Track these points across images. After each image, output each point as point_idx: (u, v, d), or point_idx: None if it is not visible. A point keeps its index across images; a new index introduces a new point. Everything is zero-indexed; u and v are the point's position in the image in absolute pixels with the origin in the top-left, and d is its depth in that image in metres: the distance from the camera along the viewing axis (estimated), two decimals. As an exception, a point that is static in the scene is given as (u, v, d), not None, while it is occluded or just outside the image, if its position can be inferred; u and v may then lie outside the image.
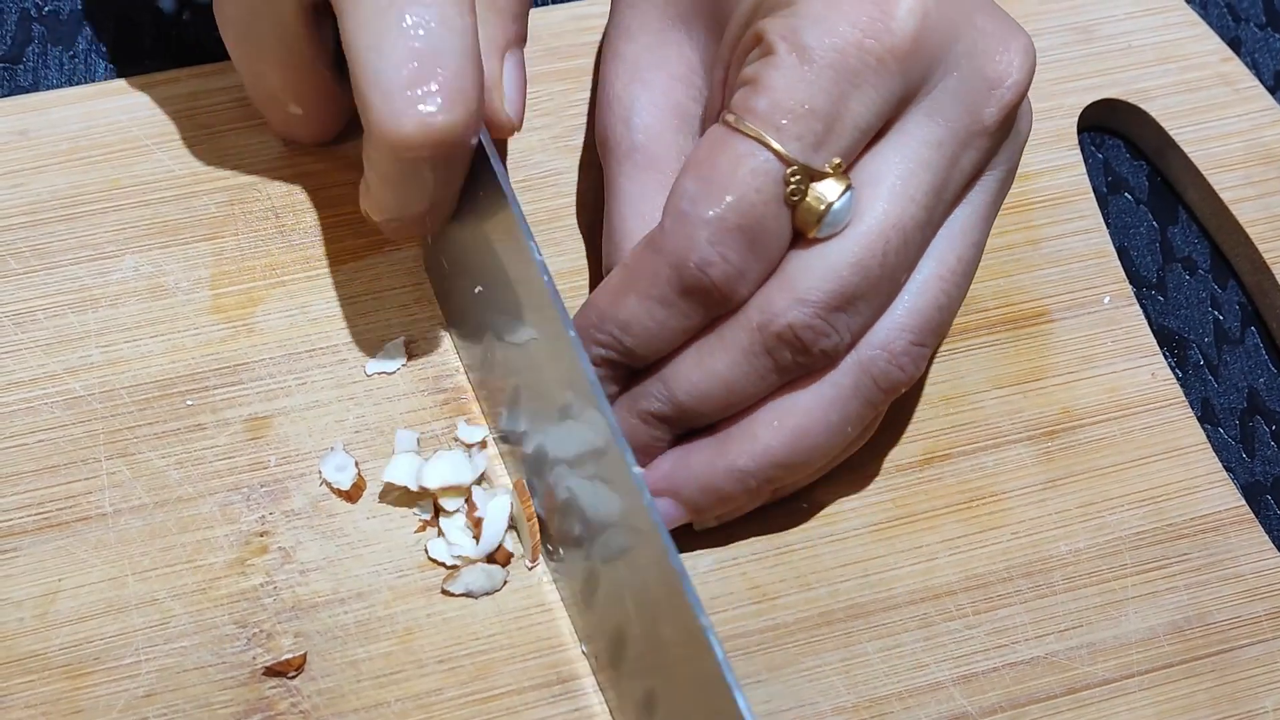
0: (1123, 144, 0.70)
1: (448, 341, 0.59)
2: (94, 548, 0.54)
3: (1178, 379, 0.63)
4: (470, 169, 0.55)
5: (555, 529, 0.55)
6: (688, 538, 0.56)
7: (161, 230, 0.60)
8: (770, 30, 0.52)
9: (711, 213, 0.51)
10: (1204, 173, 0.67)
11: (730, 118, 0.52)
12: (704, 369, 0.53)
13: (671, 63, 0.57)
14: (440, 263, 0.59)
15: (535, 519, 0.55)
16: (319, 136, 0.61)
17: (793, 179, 0.51)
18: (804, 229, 0.52)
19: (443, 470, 0.55)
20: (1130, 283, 0.65)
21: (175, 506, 0.55)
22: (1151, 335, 0.63)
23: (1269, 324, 0.66)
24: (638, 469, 0.49)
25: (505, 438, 0.57)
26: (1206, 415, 0.64)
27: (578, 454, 0.52)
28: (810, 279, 0.52)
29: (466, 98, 0.51)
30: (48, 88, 0.64)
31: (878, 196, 0.53)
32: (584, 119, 0.65)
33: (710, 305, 0.53)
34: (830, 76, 0.51)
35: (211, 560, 0.54)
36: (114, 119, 0.62)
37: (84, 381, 0.57)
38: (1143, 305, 0.65)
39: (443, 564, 0.55)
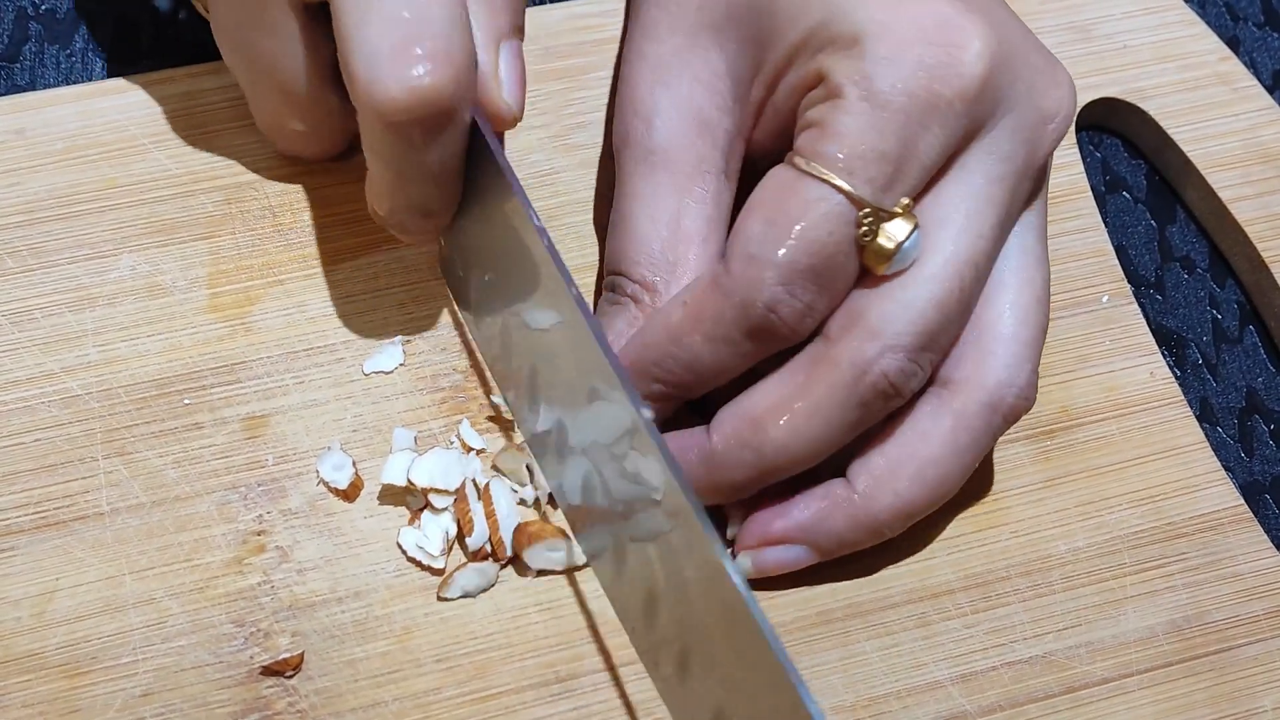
0: (1121, 143, 0.70)
1: (445, 340, 0.59)
2: (91, 547, 0.54)
3: (1176, 378, 0.63)
4: (471, 161, 0.54)
5: (581, 505, 0.54)
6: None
7: (158, 229, 0.60)
8: (836, 72, 0.52)
9: (781, 254, 0.51)
10: (1202, 171, 0.67)
11: (800, 161, 0.52)
12: (795, 431, 0.53)
13: (697, 68, 0.57)
14: (453, 260, 0.59)
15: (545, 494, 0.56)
16: (323, 153, 0.61)
17: (865, 221, 0.51)
18: (872, 267, 0.52)
19: (432, 468, 0.55)
20: (1128, 281, 0.64)
21: (172, 506, 0.55)
22: (1150, 334, 0.63)
23: (1267, 323, 0.66)
24: (665, 450, 0.48)
25: (526, 425, 0.56)
26: (1205, 414, 0.64)
27: (601, 434, 0.51)
28: (896, 324, 0.52)
29: (453, 61, 0.50)
30: (44, 86, 0.64)
31: (947, 236, 0.53)
32: (582, 118, 0.64)
33: (775, 342, 0.53)
34: (901, 121, 0.51)
35: (209, 559, 0.54)
36: (111, 118, 0.61)
37: (81, 380, 0.57)
38: (1141, 304, 0.65)
39: (416, 561, 0.55)
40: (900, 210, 0.52)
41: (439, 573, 0.55)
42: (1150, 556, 0.59)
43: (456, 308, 0.59)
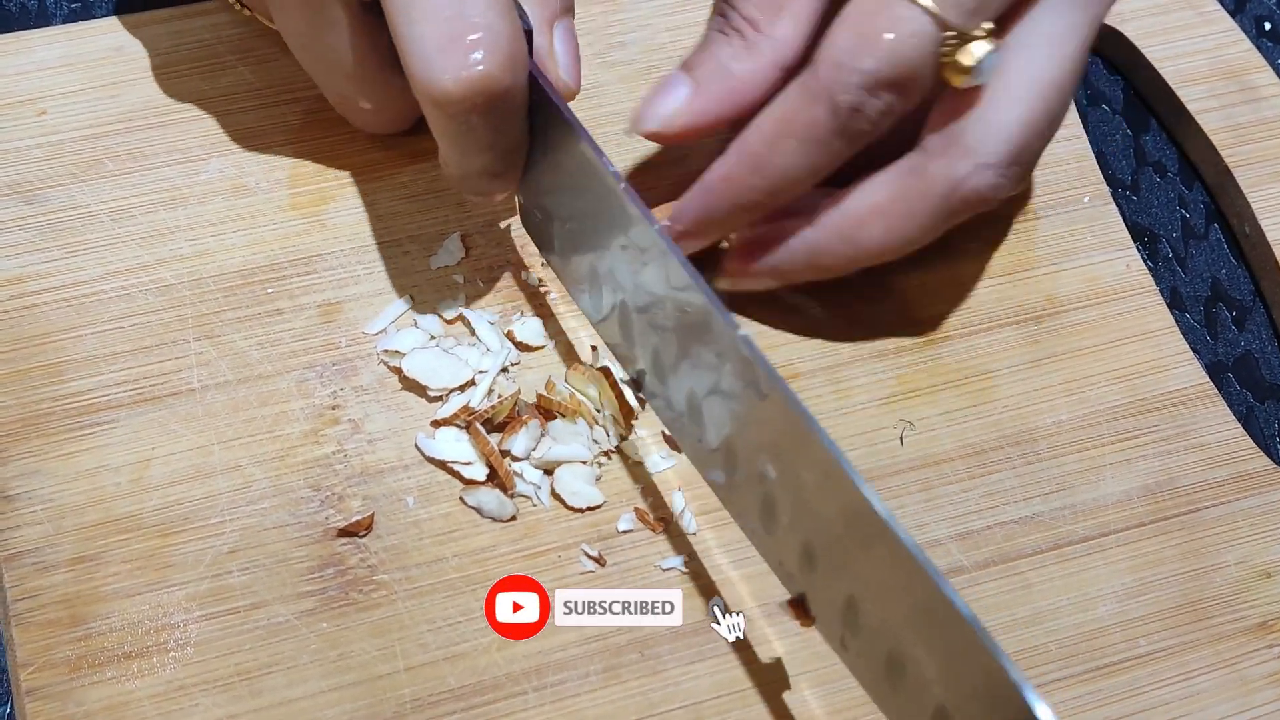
0: (1101, 61, 0.64)
1: (500, 235, 0.54)
2: (183, 420, 0.49)
3: (1149, 270, 0.58)
4: (538, 117, 0.48)
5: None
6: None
7: (244, 136, 0.55)
8: None
9: (869, 64, 0.46)
10: (1172, 87, 0.62)
11: None
12: (891, 231, 0.49)
13: None
14: (534, 214, 0.53)
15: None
16: (393, 128, 0.55)
17: (949, 40, 0.46)
18: (949, 80, 0.47)
19: (424, 363, 0.51)
20: (1107, 184, 0.60)
21: (256, 383, 0.50)
22: (1126, 230, 0.58)
23: (1230, 221, 0.61)
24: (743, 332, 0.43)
25: (627, 361, 0.50)
26: (1175, 302, 0.59)
27: (688, 348, 0.46)
28: (988, 143, 0.48)
29: (500, 46, 0.45)
30: (141, 9, 0.58)
31: (1033, 60, 0.48)
32: (621, 38, 0.59)
33: (860, 140, 0.48)
34: None
35: (289, 431, 0.50)
36: (200, 36, 0.56)
37: (174, 271, 0.52)
38: (1118, 204, 0.59)
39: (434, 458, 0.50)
40: (982, 34, 0.47)
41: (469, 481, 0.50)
42: (1126, 428, 0.54)
43: (540, 252, 0.54)
